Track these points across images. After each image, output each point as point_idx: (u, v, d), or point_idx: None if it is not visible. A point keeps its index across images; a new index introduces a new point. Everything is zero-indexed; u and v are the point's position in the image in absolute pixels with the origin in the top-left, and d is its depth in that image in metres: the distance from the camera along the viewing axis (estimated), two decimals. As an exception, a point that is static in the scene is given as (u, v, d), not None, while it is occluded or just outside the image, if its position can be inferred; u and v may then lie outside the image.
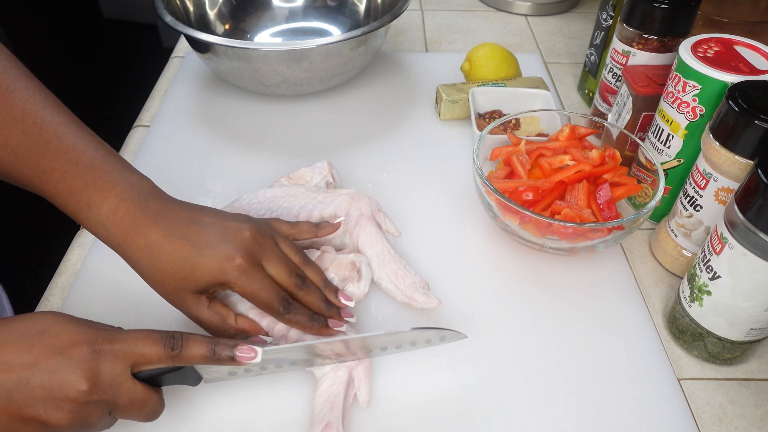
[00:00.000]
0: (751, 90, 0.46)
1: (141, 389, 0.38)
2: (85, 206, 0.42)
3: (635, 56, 0.64)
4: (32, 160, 0.41)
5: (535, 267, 0.57)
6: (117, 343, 0.37)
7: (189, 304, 0.44)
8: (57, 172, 0.41)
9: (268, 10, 0.87)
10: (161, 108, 0.75)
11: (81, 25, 2.55)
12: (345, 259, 0.52)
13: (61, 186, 0.41)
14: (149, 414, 0.40)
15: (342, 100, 0.77)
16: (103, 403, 0.37)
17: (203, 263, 0.42)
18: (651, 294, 0.56)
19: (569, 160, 0.57)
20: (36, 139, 0.41)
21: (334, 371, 0.45)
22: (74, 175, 0.41)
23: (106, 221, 0.42)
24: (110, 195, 0.42)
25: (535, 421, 0.46)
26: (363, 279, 0.51)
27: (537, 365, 0.49)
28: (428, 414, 0.46)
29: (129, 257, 0.42)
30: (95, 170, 0.42)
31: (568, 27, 0.95)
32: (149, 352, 0.38)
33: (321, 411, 0.44)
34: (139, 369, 0.38)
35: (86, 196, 0.42)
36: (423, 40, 0.91)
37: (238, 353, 0.40)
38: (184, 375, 0.41)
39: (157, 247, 0.42)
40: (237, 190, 0.64)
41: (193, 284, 0.42)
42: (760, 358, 0.51)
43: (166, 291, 0.43)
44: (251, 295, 0.43)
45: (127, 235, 0.42)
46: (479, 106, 0.72)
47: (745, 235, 0.42)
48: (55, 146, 0.41)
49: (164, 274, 0.42)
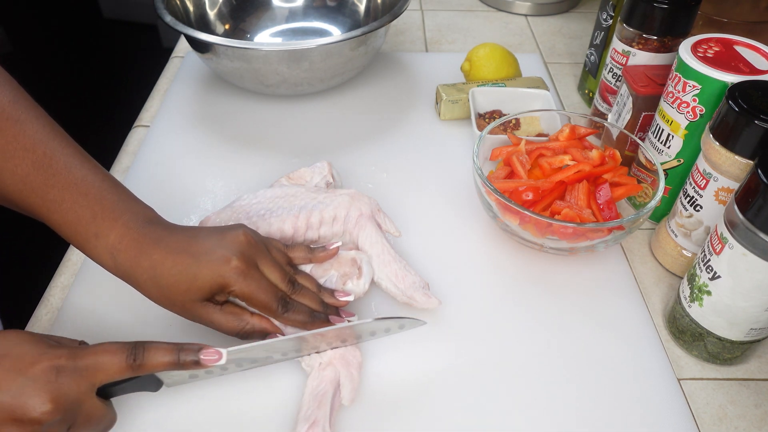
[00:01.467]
0: (751, 90, 0.46)
1: (100, 404, 0.38)
2: (93, 236, 0.43)
3: (635, 56, 0.64)
4: (41, 190, 0.42)
5: (535, 267, 0.57)
6: (79, 359, 0.37)
7: (200, 313, 0.44)
8: (66, 203, 0.42)
9: (268, 10, 0.87)
10: (161, 108, 0.75)
11: (81, 25, 2.55)
12: (346, 256, 0.52)
13: (70, 217, 0.42)
14: (106, 427, 0.40)
15: (342, 100, 0.77)
16: (65, 421, 0.36)
17: (202, 271, 0.43)
18: (651, 294, 0.56)
19: (569, 160, 0.57)
20: (45, 169, 0.42)
21: (320, 370, 0.45)
22: (83, 206, 0.42)
23: (113, 250, 0.43)
24: (117, 225, 0.43)
25: (534, 421, 0.46)
26: (364, 276, 0.51)
27: (537, 365, 0.49)
28: (423, 415, 0.46)
29: (137, 281, 0.43)
30: (103, 201, 0.43)
31: (568, 27, 0.95)
32: (112, 366, 0.38)
33: (308, 409, 0.44)
34: (101, 384, 0.38)
35: (94, 227, 0.42)
36: (423, 40, 0.91)
37: (202, 357, 0.40)
38: (144, 382, 0.41)
39: (159, 266, 0.43)
40: (237, 190, 0.64)
41: (197, 293, 0.43)
42: (760, 358, 0.51)
43: (176, 306, 0.44)
44: (249, 296, 0.44)
45: (134, 259, 0.43)
46: (479, 106, 0.72)
47: (745, 235, 0.42)
48: (65, 178, 0.42)
49: (170, 289, 0.43)
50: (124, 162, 0.69)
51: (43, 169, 0.42)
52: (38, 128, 0.43)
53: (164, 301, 0.44)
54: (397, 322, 0.47)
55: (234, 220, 0.54)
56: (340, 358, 0.46)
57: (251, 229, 0.48)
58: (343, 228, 0.54)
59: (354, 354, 0.47)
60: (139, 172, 0.66)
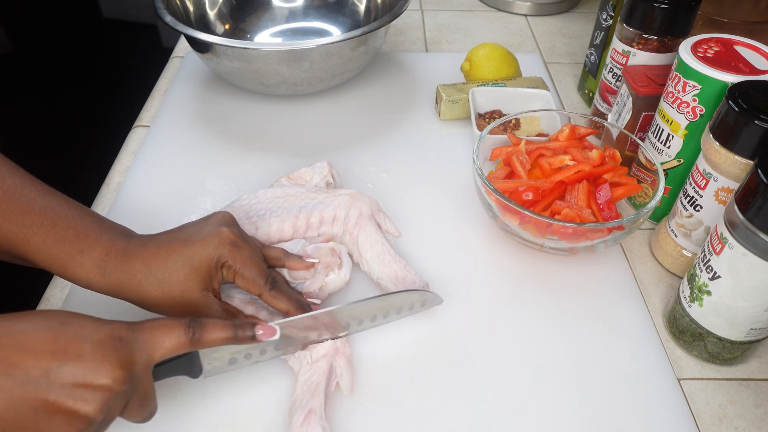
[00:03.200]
0: (751, 90, 0.46)
1: (152, 385, 0.38)
2: (78, 253, 0.42)
3: (635, 56, 0.64)
4: (15, 216, 0.41)
5: (535, 267, 0.57)
6: (139, 332, 0.37)
7: (200, 304, 0.44)
8: (45, 225, 0.42)
9: (268, 10, 0.87)
10: (161, 108, 0.75)
11: (81, 25, 2.56)
12: (324, 247, 0.52)
13: (51, 237, 0.42)
14: (150, 413, 0.39)
15: (342, 100, 0.77)
16: (127, 395, 0.36)
17: (196, 249, 0.44)
18: (651, 294, 0.56)
19: (569, 160, 0.57)
20: (19, 197, 0.41)
21: (311, 364, 0.46)
22: (63, 227, 0.42)
23: (101, 263, 0.42)
24: (101, 240, 0.43)
25: (534, 421, 0.46)
26: (344, 266, 0.52)
27: (537, 365, 0.49)
28: (422, 415, 0.46)
29: (131, 286, 0.43)
30: (82, 221, 0.43)
31: (568, 27, 0.96)
32: (171, 340, 0.38)
33: (302, 399, 0.44)
34: (160, 359, 0.38)
35: (78, 244, 0.42)
36: (423, 40, 0.91)
37: (258, 332, 0.41)
38: (190, 365, 0.41)
39: (152, 260, 0.43)
40: (237, 190, 0.64)
41: (196, 279, 0.43)
42: (760, 358, 0.51)
43: (175, 299, 0.44)
44: (243, 265, 0.45)
45: (125, 263, 0.43)
46: (479, 106, 0.72)
47: (745, 235, 0.42)
48: (39, 204, 0.42)
49: (169, 282, 0.43)
50: (124, 162, 0.69)
51: (15, 197, 0.41)
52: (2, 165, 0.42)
53: (164, 299, 0.43)
54: (421, 296, 0.48)
55: (234, 220, 0.54)
56: (333, 351, 0.47)
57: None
58: (343, 228, 0.54)
59: (345, 346, 0.48)
60: (139, 172, 0.66)
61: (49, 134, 1.99)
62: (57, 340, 0.34)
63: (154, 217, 0.61)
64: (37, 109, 2.10)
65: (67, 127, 2.02)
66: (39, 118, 2.06)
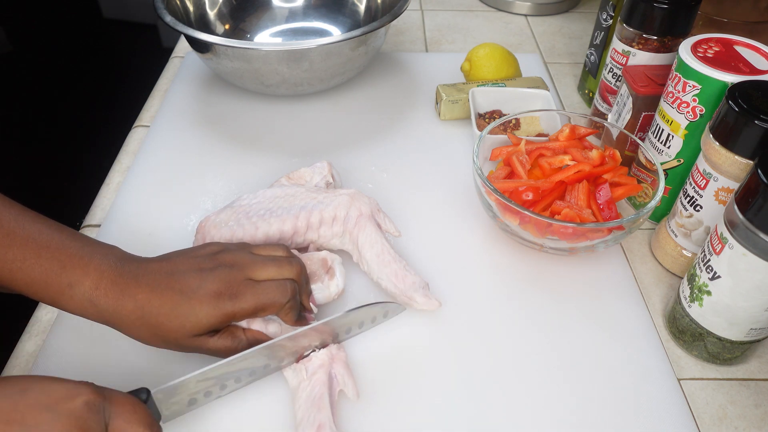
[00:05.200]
0: (751, 90, 0.46)
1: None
2: (67, 287, 0.40)
3: (635, 56, 0.64)
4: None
5: (535, 267, 0.57)
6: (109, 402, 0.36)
7: (195, 344, 0.43)
8: (29, 260, 0.40)
9: (268, 10, 0.87)
10: (161, 108, 0.75)
11: (81, 25, 2.56)
12: (316, 256, 0.52)
13: (36, 272, 0.40)
14: None
15: (342, 100, 0.77)
16: None
17: (195, 309, 0.42)
18: (651, 294, 0.56)
19: (569, 160, 0.57)
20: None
21: (308, 377, 0.45)
22: (48, 259, 0.40)
23: (92, 296, 0.41)
24: (89, 269, 0.41)
25: (534, 421, 0.46)
26: (337, 276, 0.51)
27: (536, 365, 0.49)
28: (421, 416, 0.46)
29: (123, 323, 0.42)
30: (67, 250, 0.41)
31: (568, 27, 0.95)
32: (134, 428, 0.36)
33: (309, 416, 0.43)
34: None
35: (66, 277, 0.40)
36: (423, 40, 0.91)
37: None
38: None
39: (147, 305, 0.41)
40: (237, 190, 0.64)
41: (192, 329, 0.42)
42: (760, 358, 0.51)
43: (168, 343, 0.43)
44: (256, 310, 0.44)
45: (117, 302, 0.41)
46: (479, 106, 0.72)
47: (745, 235, 0.42)
48: (20, 235, 0.40)
49: (161, 328, 0.42)
50: (124, 162, 0.69)
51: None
52: None
53: (155, 340, 0.43)
54: (383, 307, 0.48)
55: (234, 221, 0.54)
56: (329, 359, 0.46)
57: (227, 244, 0.47)
58: (343, 228, 0.54)
59: (340, 350, 0.47)
60: (139, 172, 0.66)
61: (49, 134, 1.99)
62: (14, 410, 0.32)
63: (154, 217, 0.61)
64: (37, 109, 2.10)
65: (67, 127, 2.03)
66: (39, 118, 2.06)
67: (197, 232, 0.55)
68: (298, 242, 0.54)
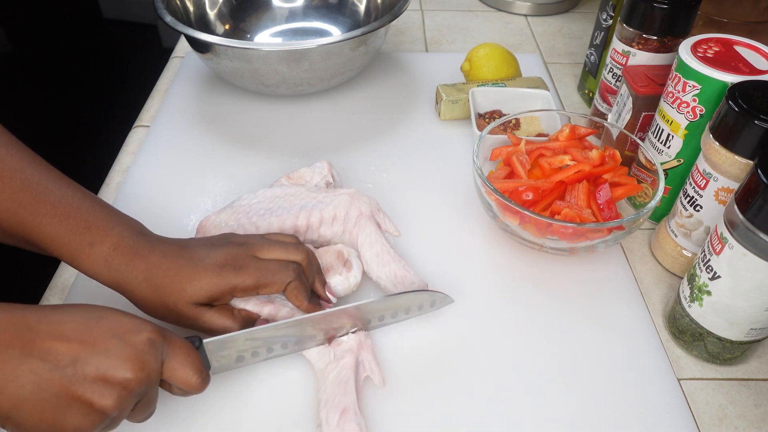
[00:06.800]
0: (751, 90, 0.46)
1: (157, 390, 0.39)
2: (88, 245, 0.43)
3: (635, 56, 0.64)
4: (31, 206, 0.43)
5: (535, 267, 0.57)
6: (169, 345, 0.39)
7: (192, 314, 0.45)
8: (58, 216, 0.43)
9: (268, 10, 0.87)
10: (161, 108, 0.75)
11: (81, 25, 2.55)
12: (332, 248, 0.52)
13: (64, 228, 0.43)
14: (149, 415, 0.40)
15: (342, 100, 0.77)
16: (140, 396, 0.37)
17: (199, 274, 0.44)
18: (651, 294, 0.56)
19: (569, 160, 0.57)
20: (35, 187, 0.43)
21: (335, 361, 0.46)
22: (76, 218, 0.43)
23: (108, 257, 0.44)
24: (111, 234, 0.44)
25: (534, 421, 0.46)
26: (354, 269, 0.51)
27: (536, 365, 0.49)
28: (420, 415, 0.46)
29: (130, 284, 0.44)
30: (95, 213, 0.44)
31: (568, 27, 0.95)
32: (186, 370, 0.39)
33: (334, 398, 0.44)
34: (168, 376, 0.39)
35: (89, 236, 0.43)
36: (423, 40, 0.91)
37: None
38: None
39: (156, 266, 0.44)
40: (237, 190, 0.64)
41: (192, 294, 0.44)
42: (760, 358, 0.51)
43: (167, 308, 0.44)
44: (257, 285, 0.45)
45: (130, 261, 0.44)
46: (479, 106, 0.72)
47: (745, 235, 0.42)
48: (55, 194, 0.43)
49: (164, 290, 0.44)
50: (124, 162, 0.69)
51: (32, 187, 0.43)
52: (22, 155, 0.44)
53: (156, 304, 0.44)
54: (430, 296, 0.49)
55: (234, 220, 0.54)
56: (357, 345, 0.47)
57: (239, 235, 0.49)
58: (343, 228, 0.54)
59: (368, 338, 0.48)
60: (139, 172, 0.66)
61: (49, 134, 1.99)
62: (90, 332, 0.36)
63: (155, 217, 0.61)
64: (37, 109, 2.10)
65: (67, 127, 2.02)
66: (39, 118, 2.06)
67: (197, 232, 0.55)
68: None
